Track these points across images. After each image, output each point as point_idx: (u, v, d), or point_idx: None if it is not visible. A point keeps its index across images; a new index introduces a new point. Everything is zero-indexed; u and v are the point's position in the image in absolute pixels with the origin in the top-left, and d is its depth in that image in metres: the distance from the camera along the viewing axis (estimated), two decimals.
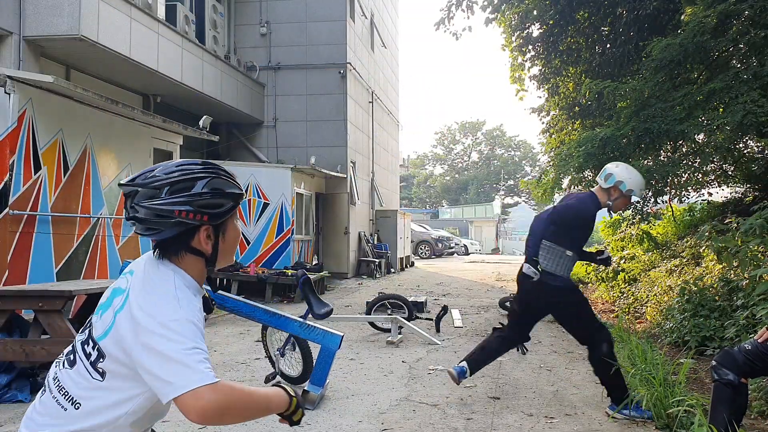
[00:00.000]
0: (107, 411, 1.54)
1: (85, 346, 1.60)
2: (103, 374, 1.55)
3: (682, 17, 8.41)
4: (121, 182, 1.64)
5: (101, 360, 1.55)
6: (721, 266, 7.34)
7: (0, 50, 8.96)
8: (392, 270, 18.69)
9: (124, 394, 1.54)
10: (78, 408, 1.54)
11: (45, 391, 1.63)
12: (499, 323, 5.45)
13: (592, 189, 4.83)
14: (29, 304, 5.12)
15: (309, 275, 4.84)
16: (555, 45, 12.40)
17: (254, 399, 1.55)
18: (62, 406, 1.56)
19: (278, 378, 5.15)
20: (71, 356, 1.63)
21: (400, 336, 7.36)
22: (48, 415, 1.57)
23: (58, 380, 1.60)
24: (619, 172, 4.55)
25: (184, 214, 1.58)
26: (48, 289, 5.09)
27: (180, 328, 1.47)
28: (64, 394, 1.58)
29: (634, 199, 4.69)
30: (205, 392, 1.41)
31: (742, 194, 10.83)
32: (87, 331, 1.64)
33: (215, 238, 1.66)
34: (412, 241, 24.91)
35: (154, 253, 1.67)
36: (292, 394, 1.67)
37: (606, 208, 4.78)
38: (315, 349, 4.92)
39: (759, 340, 3.24)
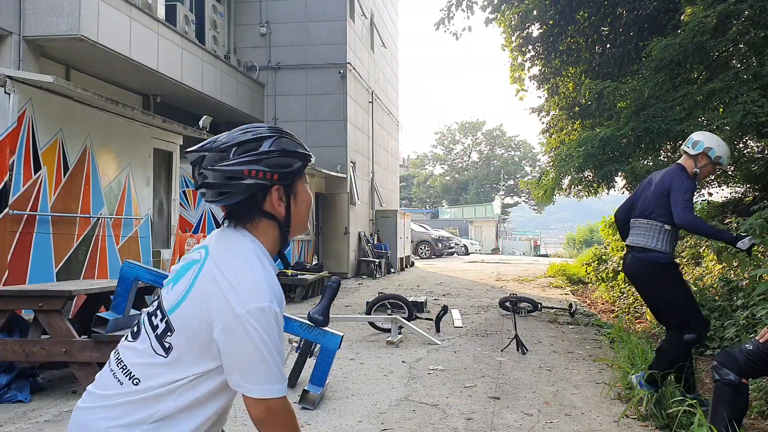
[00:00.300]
0: (169, 393, 1.47)
1: (153, 318, 1.53)
2: (168, 350, 1.47)
3: (682, 17, 8.42)
4: (188, 150, 1.62)
5: (169, 334, 1.48)
6: (721, 266, 7.34)
7: (0, 50, 8.96)
8: (392, 270, 18.68)
9: (188, 371, 1.47)
10: (137, 384, 1.47)
11: (105, 368, 1.57)
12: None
13: (677, 162, 4.68)
14: (29, 304, 5.11)
15: (337, 280, 4.81)
16: (555, 45, 12.40)
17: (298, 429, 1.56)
18: (119, 380, 1.49)
19: None
20: (136, 329, 1.56)
21: (400, 336, 7.36)
22: (104, 388, 1.51)
23: (119, 353, 1.55)
24: (707, 138, 4.49)
25: (254, 173, 1.54)
26: (48, 289, 5.09)
27: (269, 319, 1.45)
28: (122, 367, 1.51)
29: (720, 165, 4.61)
30: (278, 405, 1.46)
31: (742, 194, 10.82)
32: (156, 303, 1.57)
33: (287, 200, 1.61)
34: (412, 241, 24.91)
35: (225, 223, 1.62)
36: None
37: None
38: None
39: (761, 341, 3.24)
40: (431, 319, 8.32)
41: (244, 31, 16.35)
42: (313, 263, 14.59)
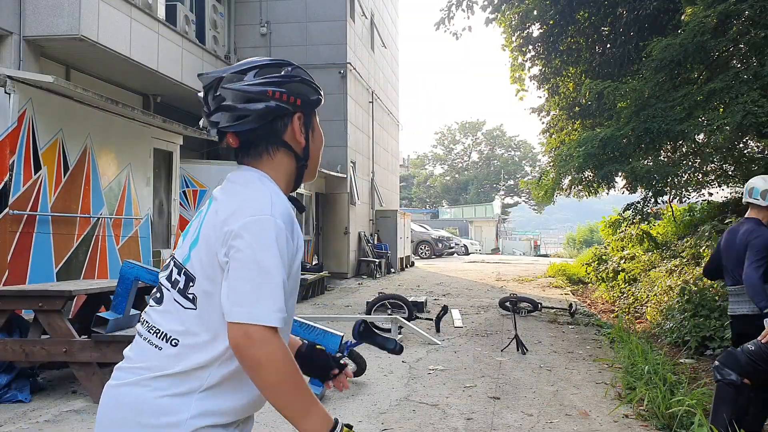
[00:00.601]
0: (207, 346, 1.37)
1: (172, 276, 1.45)
2: (194, 300, 1.38)
3: (682, 17, 8.41)
4: (201, 73, 1.51)
5: (191, 284, 1.39)
6: None
7: (0, 50, 8.96)
8: (392, 270, 18.68)
9: (221, 323, 1.34)
10: (176, 345, 1.38)
11: (134, 342, 1.48)
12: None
13: (746, 217, 4.34)
14: (29, 304, 5.11)
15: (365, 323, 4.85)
16: (555, 45, 12.40)
17: (302, 386, 1.34)
18: (156, 346, 1.40)
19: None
20: (157, 294, 1.48)
21: (400, 336, 7.36)
22: (142, 360, 1.41)
23: (147, 322, 1.45)
24: None
25: (278, 95, 1.45)
26: (48, 289, 5.09)
27: (268, 231, 1.33)
28: (155, 332, 1.41)
29: None
30: (264, 336, 1.28)
31: (742, 194, 10.82)
32: (170, 262, 1.49)
33: (306, 131, 1.52)
34: (412, 241, 24.90)
35: (238, 155, 1.51)
36: (345, 425, 1.41)
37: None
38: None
39: (762, 341, 3.23)
40: (431, 319, 8.32)
41: (244, 31, 16.35)
42: (313, 263, 14.59)
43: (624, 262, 12.08)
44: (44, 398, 4.89)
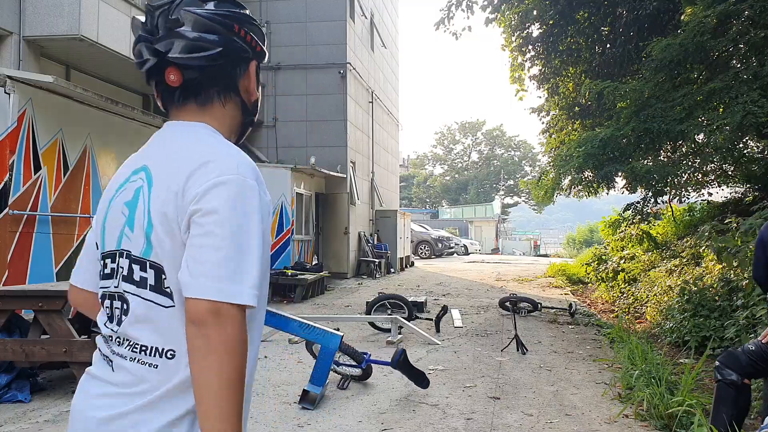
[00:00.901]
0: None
1: (133, 275, 1.21)
2: (172, 295, 1.17)
3: (682, 17, 8.41)
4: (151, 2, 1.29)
5: (163, 277, 1.18)
6: (721, 266, 7.34)
7: (0, 50, 8.96)
8: (392, 270, 18.68)
9: None
10: (172, 357, 1.17)
11: (106, 367, 1.24)
12: None
13: None
14: (29, 304, 5.11)
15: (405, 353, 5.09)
16: (555, 45, 12.40)
17: (243, 386, 1.12)
18: (151, 365, 1.17)
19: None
20: (115, 310, 1.23)
21: (400, 336, 7.36)
22: (133, 384, 1.18)
23: (122, 341, 1.21)
24: None
25: (244, 33, 1.26)
26: (48, 289, 5.09)
27: (238, 192, 1.15)
28: (142, 349, 1.19)
29: None
30: (232, 313, 1.09)
31: (742, 194, 10.83)
32: (117, 261, 1.24)
33: (258, 84, 1.36)
34: (412, 241, 24.91)
35: (172, 99, 1.29)
36: None
37: None
38: (356, 345, 4.91)
39: (763, 341, 3.24)
40: (431, 319, 8.32)
41: None
42: (313, 263, 14.59)
43: (624, 262, 12.08)
44: (44, 398, 4.89)
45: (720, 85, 7.28)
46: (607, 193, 10.26)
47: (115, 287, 1.24)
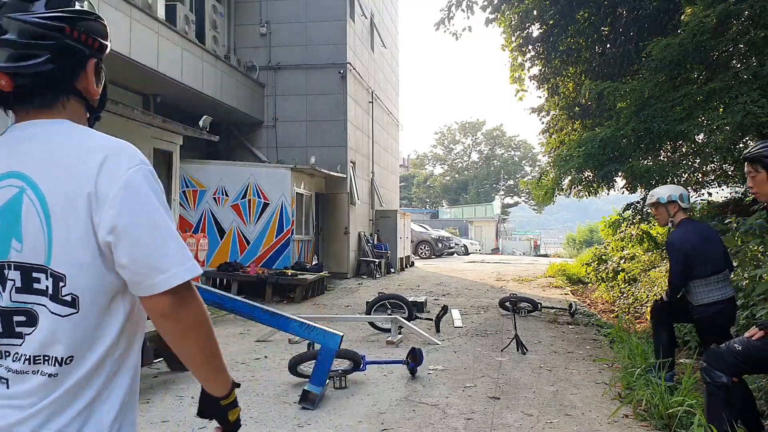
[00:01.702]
0: (100, 341, 1.19)
1: (32, 285, 1.17)
2: (74, 302, 1.16)
3: (682, 17, 8.42)
4: None
5: (62, 284, 1.15)
6: None
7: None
8: (392, 270, 18.69)
9: (115, 313, 1.21)
10: (70, 362, 1.17)
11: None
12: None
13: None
14: None
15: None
16: (555, 45, 12.41)
17: (212, 334, 1.25)
18: (49, 375, 1.17)
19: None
20: (21, 318, 1.18)
21: (400, 336, 7.36)
22: (36, 395, 1.17)
23: (22, 357, 1.18)
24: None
25: (77, 34, 1.22)
26: None
27: (151, 180, 1.20)
28: (43, 359, 1.17)
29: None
30: (189, 290, 1.19)
31: (742, 194, 10.83)
32: (6, 274, 1.18)
33: (99, 81, 1.32)
34: (412, 241, 24.90)
35: (14, 101, 1.23)
36: (236, 383, 1.38)
37: None
38: (349, 345, 4.90)
39: (753, 338, 3.16)
40: (431, 319, 8.32)
41: (244, 31, 16.35)
42: (313, 263, 14.59)
43: (624, 262, 12.08)
44: None
45: (720, 85, 7.28)
46: (607, 193, 10.26)
47: (11, 301, 1.19)
